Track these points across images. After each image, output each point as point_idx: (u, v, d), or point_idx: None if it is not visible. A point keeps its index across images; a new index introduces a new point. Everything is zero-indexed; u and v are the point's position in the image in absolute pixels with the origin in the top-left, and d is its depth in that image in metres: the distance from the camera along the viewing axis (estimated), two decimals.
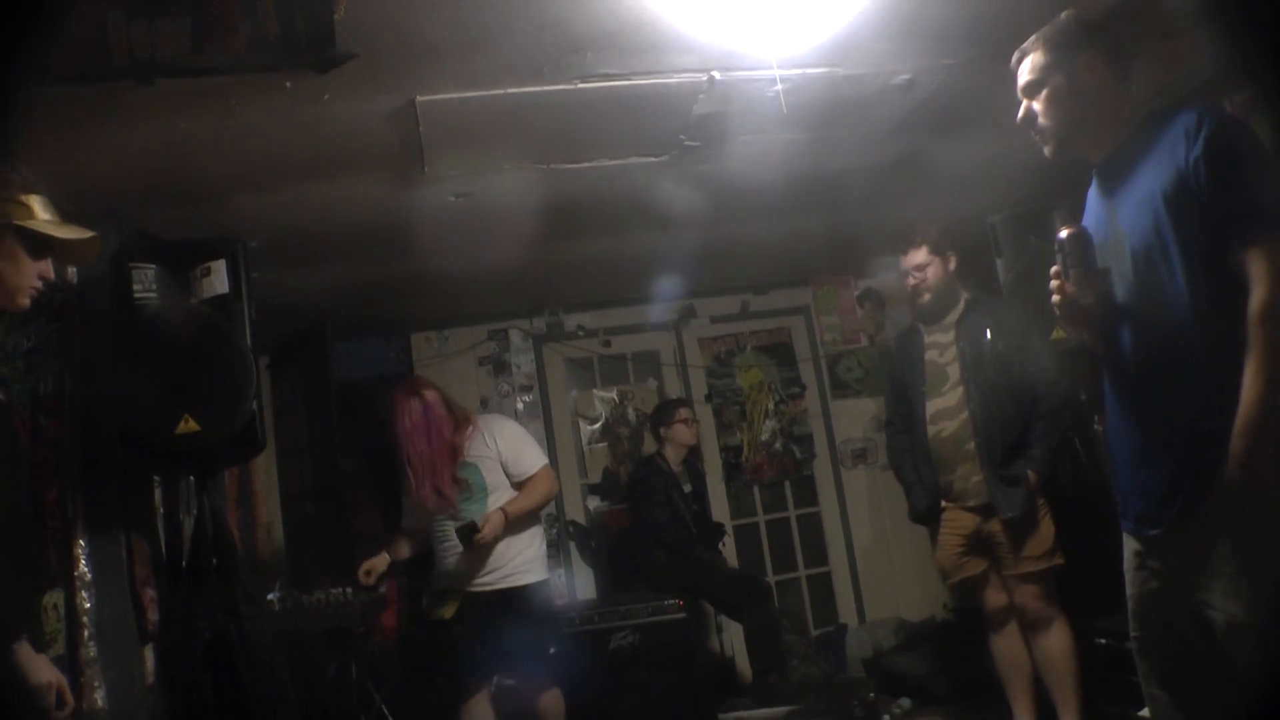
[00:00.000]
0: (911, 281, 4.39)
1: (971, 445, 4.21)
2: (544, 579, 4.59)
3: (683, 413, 6.17)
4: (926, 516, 4.43)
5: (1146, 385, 2.32)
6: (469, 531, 4.30)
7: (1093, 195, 2.50)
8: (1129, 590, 2.44)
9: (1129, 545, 2.44)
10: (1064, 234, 2.37)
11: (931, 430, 4.31)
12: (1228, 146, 2.14)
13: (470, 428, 4.55)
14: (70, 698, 2.38)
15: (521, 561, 4.47)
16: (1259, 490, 2.05)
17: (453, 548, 4.41)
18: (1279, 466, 2.04)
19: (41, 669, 2.33)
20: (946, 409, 4.28)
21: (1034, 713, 4.27)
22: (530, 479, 4.50)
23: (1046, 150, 2.46)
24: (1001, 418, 4.16)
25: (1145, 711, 2.50)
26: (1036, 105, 2.44)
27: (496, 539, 4.36)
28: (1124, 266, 2.31)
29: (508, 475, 4.50)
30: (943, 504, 4.33)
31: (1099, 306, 2.36)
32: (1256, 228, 2.10)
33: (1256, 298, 2.06)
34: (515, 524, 4.43)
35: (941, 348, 4.35)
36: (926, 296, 4.36)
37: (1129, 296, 2.31)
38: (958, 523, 4.30)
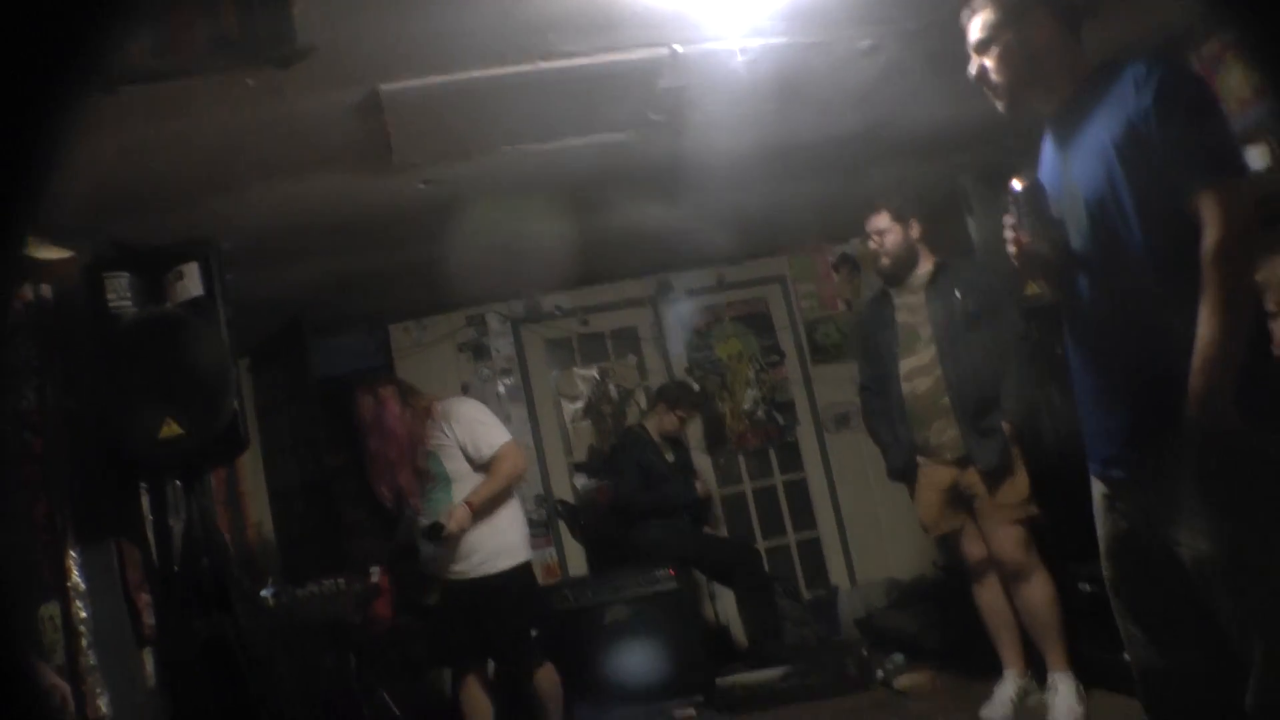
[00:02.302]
0: (872, 245, 4.50)
1: (946, 400, 4.27)
2: (524, 561, 4.57)
3: (681, 411, 6.21)
4: (904, 474, 4.49)
5: (1105, 331, 2.36)
6: (435, 532, 4.30)
7: (1047, 148, 2.53)
8: (1100, 532, 2.49)
9: (1097, 489, 2.48)
10: (1018, 186, 2.40)
11: (906, 388, 4.36)
12: (1176, 93, 2.18)
13: (430, 417, 4.51)
14: (72, 703, 2.40)
15: (498, 546, 4.45)
16: (1218, 427, 2.09)
17: (422, 534, 4.41)
18: (1237, 403, 2.09)
19: (44, 674, 2.35)
20: (920, 366, 4.34)
21: (1022, 660, 4.34)
22: (492, 461, 4.44)
23: (1000, 106, 2.49)
24: (974, 372, 4.22)
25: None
26: (988, 62, 2.46)
27: (464, 530, 4.35)
28: (1079, 216, 2.34)
29: (469, 460, 4.46)
30: (919, 460, 4.39)
31: (1055, 256, 2.40)
32: (1207, 172, 2.14)
33: (1209, 239, 2.10)
34: (485, 510, 4.40)
35: (912, 309, 4.41)
36: (885, 261, 4.45)
37: (1085, 245, 2.34)
38: (935, 477, 4.36)
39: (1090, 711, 3.99)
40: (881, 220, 4.40)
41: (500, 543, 4.47)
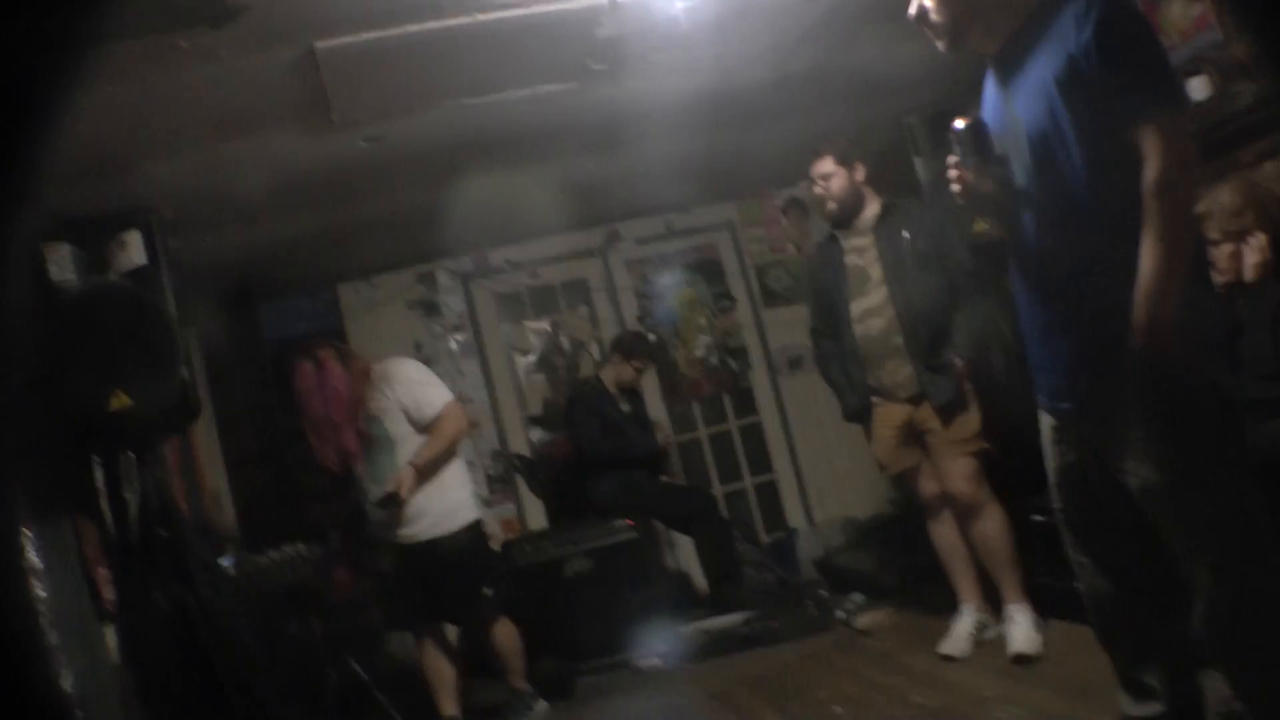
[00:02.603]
0: (818, 190, 4.49)
1: (898, 340, 4.31)
2: (473, 520, 4.58)
3: (637, 362, 6.21)
4: (858, 415, 4.53)
5: (1050, 265, 2.39)
6: (391, 502, 4.29)
7: (989, 86, 2.54)
8: (1049, 464, 2.54)
9: (1045, 421, 2.53)
10: (959, 125, 2.42)
11: (859, 330, 4.39)
12: (1116, 28, 2.19)
13: (368, 380, 4.47)
14: None
15: (446, 507, 4.46)
16: (1161, 357, 2.13)
17: (376, 504, 4.40)
18: (1178, 331, 2.13)
19: None
20: (872, 307, 4.37)
21: (979, 595, 4.42)
22: (435, 421, 4.42)
23: (940, 45, 2.49)
24: (925, 310, 4.25)
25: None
26: (927, 2, 2.45)
27: (412, 493, 4.34)
28: (1022, 153, 2.36)
29: (412, 422, 4.43)
30: (873, 400, 4.43)
31: (999, 193, 2.41)
32: (1148, 105, 2.16)
33: (1151, 172, 2.13)
34: (430, 472, 4.40)
35: (861, 251, 4.42)
36: (832, 205, 4.45)
37: (1029, 181, 2.36)
38: (890, 416, 4.40)
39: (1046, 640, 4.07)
40: (826, 165, 4.40)
41: (448, 503, 4.47)
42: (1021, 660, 3.98)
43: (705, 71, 4.51)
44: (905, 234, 4.31)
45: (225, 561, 4.66)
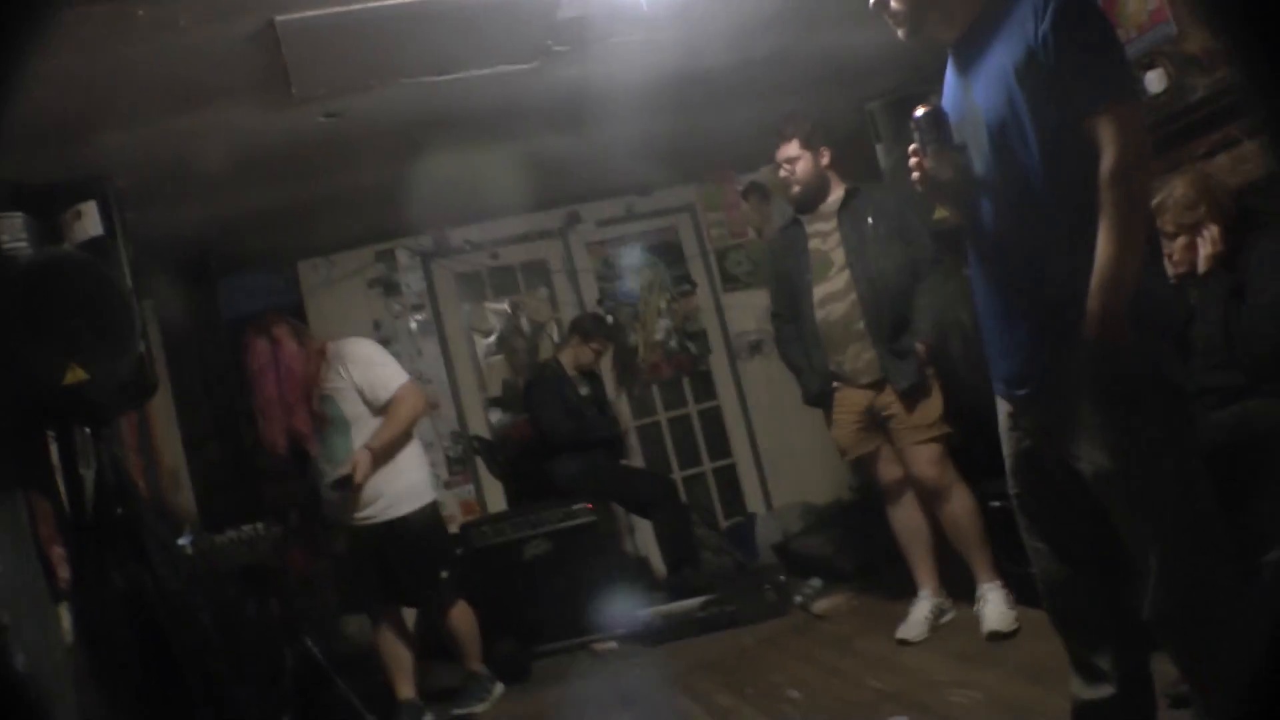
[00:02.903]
0: (782, 174, 4.51)
1: (861, 325, 4.33)
2: (429, 502, 4.56)
3: (596, 344, 6.20)
4: (819, 399, 4.55)
5: (1006, 253, 2.41)
6: (345, 484, 4.27)
7: (949, 74, 2.56)
8: (1005, 450, 2.57)
9: (1002, 407, 2.56)
10: (919, 112, 2.44)
11: (820, 314, 4.42)
12: (1074, 18, 2.21)
13: (323, 359, 4.43)
14: None
15: (400, 490, 4.43)
16: (1115, 345, 2.16)
17: (330, 487, 4.38)
18: (1133, 321, 2.16)
19: None
20: (834, 292, 4.39)
21: (936, 580, 4.47)
22: (391, 403, 4.39)
23: (900, 33, 2.50)
24: (888, 296, 4.29)
25: None
26: None
27: (368, 476, 4.31)
28: (981, 141, 2.38)
29: (366, 403, 4.40)
30: (834, 385, 4.45)
31: (958, 180, 2.43)
32: (1104, 96, 2.19)
33: (1107, 161, 2.16)
34: (385, 455, 4.37)
35: (824, 235, 4.45)
36: (796, 189, 4.47)
37: (987, 169, 2.38)
38: (850, 401, 4.43)
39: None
40: (791, 149, 4.41)
41: (404, 485, 4.45)
42: (996, 638, 4.03)
43: (668, 54, 4.51)
44: (869, 219, 4.34)
45: (182, 540, 4.62)
